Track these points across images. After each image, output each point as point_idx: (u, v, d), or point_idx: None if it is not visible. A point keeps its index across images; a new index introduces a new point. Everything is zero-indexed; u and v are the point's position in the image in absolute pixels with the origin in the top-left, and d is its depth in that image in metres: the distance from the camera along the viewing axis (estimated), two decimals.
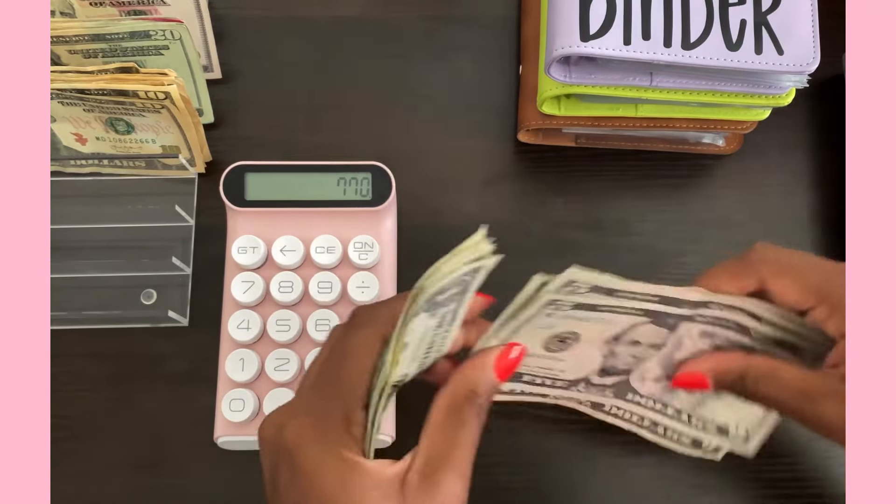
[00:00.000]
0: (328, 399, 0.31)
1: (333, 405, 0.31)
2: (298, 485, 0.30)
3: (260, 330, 0.42)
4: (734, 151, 0.48)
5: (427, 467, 0.30)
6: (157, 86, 0.41)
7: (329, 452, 0.30)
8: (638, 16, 0.40)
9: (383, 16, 0.51)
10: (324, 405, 0.31)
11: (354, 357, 0.32)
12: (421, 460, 0.30)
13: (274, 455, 0.31)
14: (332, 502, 0.29)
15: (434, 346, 0.33)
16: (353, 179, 0.44)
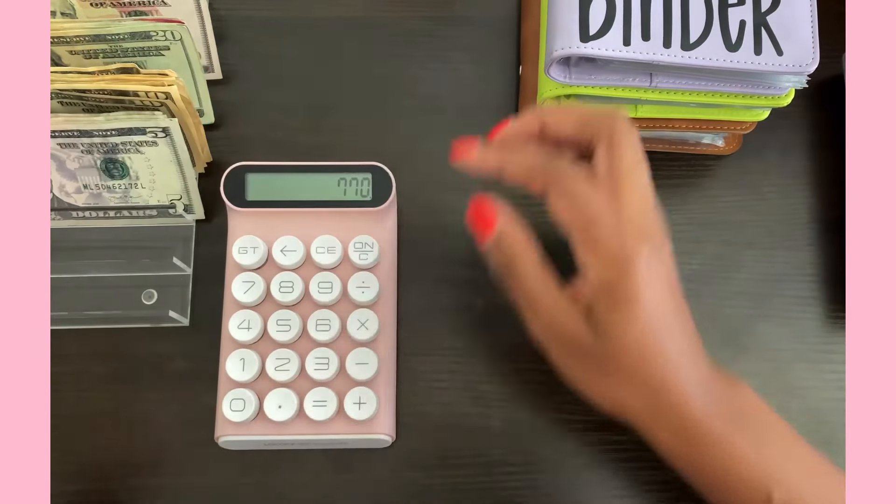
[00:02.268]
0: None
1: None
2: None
3: (260, 330, 0.42)
4: (734, 152, 0.48)
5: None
6: (157, 86, 0.41)
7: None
8: (637, 16, 0.40)
9: (383, 16, 0.51)
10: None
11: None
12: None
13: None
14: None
15: None
16: (354, 179, 0.44)
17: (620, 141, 0.35)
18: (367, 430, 0.41)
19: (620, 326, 0.34)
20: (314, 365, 0.42)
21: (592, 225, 0.34)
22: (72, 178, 0.44)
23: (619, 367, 0.35)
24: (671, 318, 0.35)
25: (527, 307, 0.37)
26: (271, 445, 0.42)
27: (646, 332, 0.34)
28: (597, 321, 0.34)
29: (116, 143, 0.43)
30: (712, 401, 0.34)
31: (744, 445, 0.34)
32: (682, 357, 0.35)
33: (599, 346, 0.35)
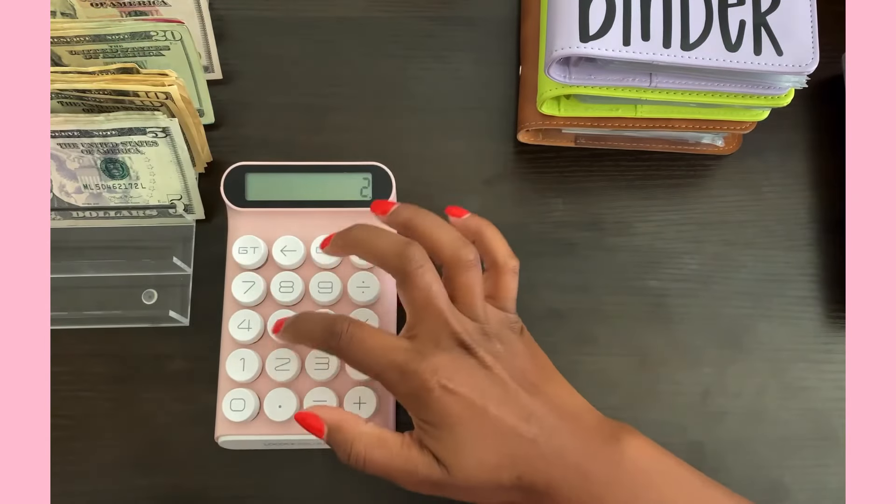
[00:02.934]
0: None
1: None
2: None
3: (260, 330, 0.42)
4: (733, 152, 0.48)
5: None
6: (157, 86, 0.41)
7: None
8: (637, 16, 0.40)
9: (383, 16, 0.51)
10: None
11: None
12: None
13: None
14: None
15: None
16: (354, 179, 0.44)
17: (410, 285, 0.36)
18: None
19: (451, 459, 0.33)
20: (314, 365, 0.42)
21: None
22: (72, 178, 0.44)
23: (479, 485, 0.34)
24: (496, 418, 0.34)
25: (387, 474, 0.35)
26: (271, 445, 0.42)
27: (480, 462, 0.33)
28: (437, 458, 0.34)
29: (116, 143, 0.43)
30: (584, 473, 0.33)
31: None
32: (531, 447, 0.33)
33: (449, 479, 0.34)
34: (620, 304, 0.46)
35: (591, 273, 0.46)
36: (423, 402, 0.33)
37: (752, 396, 0.45)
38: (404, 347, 0.35)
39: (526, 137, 0.48)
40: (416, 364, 0.34)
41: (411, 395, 0.34)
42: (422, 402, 0.33)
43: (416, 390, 0.33)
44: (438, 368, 0.33)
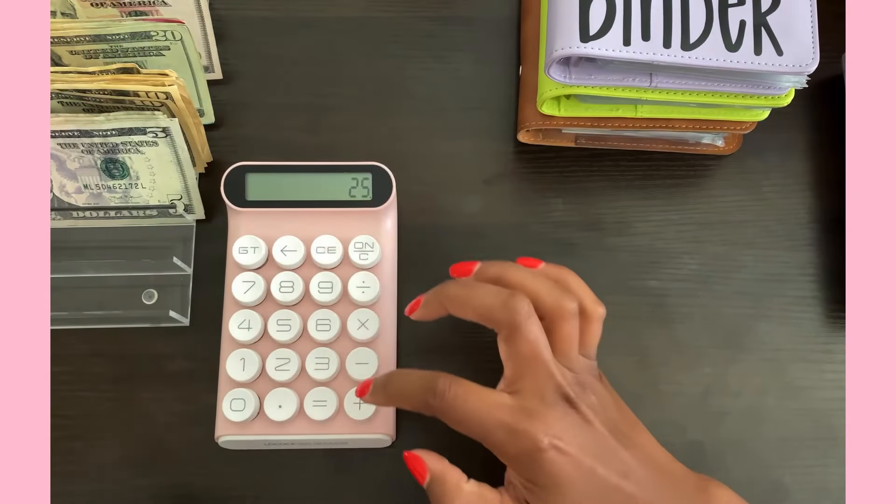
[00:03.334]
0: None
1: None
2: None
3: (261, 330, 0.42)
4: (733, 152, 0.48)
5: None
6: (157, 86, 0.41)
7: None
8: (637, 17, 0.40)
9: (383, 16, 0.51)
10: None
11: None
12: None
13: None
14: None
15: None
16: (354, 179, 0.44)
17: (517, 337, 0.35)
18: (367, 429, 0.42)
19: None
20: (314, 365, 0.42)
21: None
22: (72, 178, 0.44)
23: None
24: (602, 477, 0.33)
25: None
26: (271, 445, 0.42)
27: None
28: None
29: (117, 142, 0.43)
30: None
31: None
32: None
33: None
34: (620, 304, 0.46)
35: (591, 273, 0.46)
36: (533, 463, 0.32)
37: (752, 396, 0.45)
38: (510, 405, 0.33)
39: (526, 137, 0.48)
40: (525, 423, 0.32)
41: (521, 455, 0.33)
42: (533, 462, 0.32)
43: (526, 451, 0.32)
44: (549, 427, 0.32)
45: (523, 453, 0.32)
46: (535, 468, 0.32)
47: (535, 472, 0.33)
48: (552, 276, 0.38)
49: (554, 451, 0.32)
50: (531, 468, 0.33)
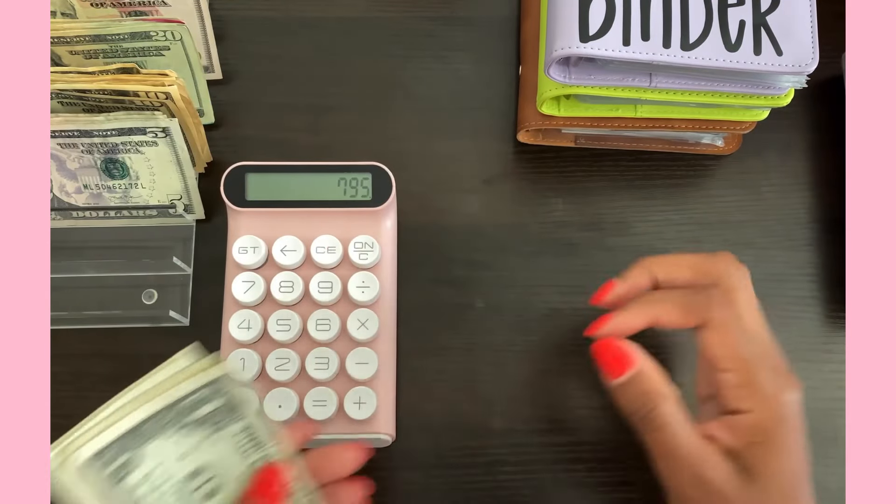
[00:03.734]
0: None
1: None
2: None
3: (260, 330, 0.42)
4: (733, 152, 0.48)
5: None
6: (157, 86, 0.41)
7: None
8: (637, 17, 0.40)
9: (383, 16, 0.51)
10: None
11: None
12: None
13: None
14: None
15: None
16: (354, 179, 0.44)
17: (736, 289, 0.35)
18: (366, 429, 0.42)
19: (775, 469, 0.33)
20: (314, 365, 0.42)
21: (749, 366, 0.34)
22: (72, 178, 0.44)
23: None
24: (807, 463, 0.34)
25: (666, 455, 0.34)
26: None
27: (796, 473, 0.33)
28: (747, 464, 0.33)
29: (116, 142, 0.43)
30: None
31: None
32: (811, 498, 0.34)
33: (745, 492, 0.33)
34: None
35: (591, 273, 0.46)
36: (781, 417, 0.34)
37: None
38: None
39: (526, 137, 0.48)
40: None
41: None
42: (781, 417, 0.34)
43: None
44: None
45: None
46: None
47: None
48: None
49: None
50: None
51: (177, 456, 0.28)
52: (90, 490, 0.26)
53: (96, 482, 0.26)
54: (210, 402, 0.28)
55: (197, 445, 0.28)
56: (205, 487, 0.29)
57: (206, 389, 0.28)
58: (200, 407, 0.28)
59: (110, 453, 0.26)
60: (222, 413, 0.29)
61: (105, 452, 0.26)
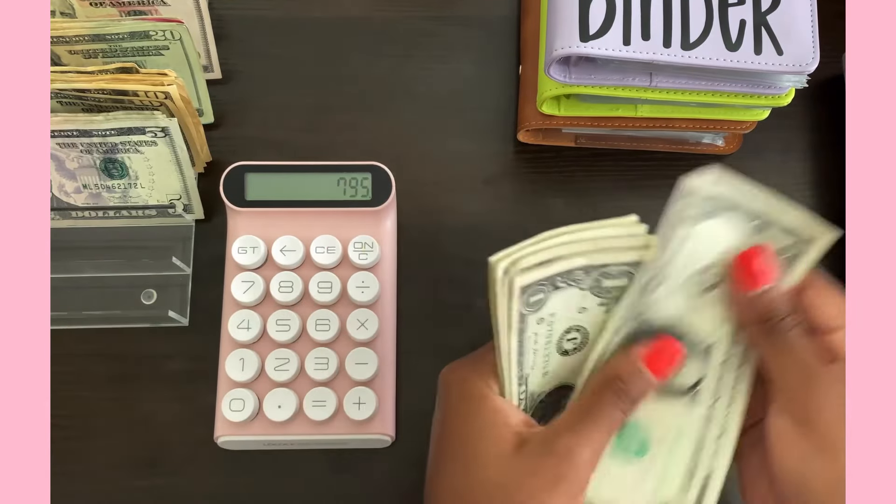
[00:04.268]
0: (489, 347, 0.33)
1: (490, 352, 0.32)
2: (441, 419, 0.33)
3: (260, 330, 0.42)
4: (734, 151, 0.48)
5: (552, 432, 0.31)
6: (157, 86, 0.41)
7: (466, 385, 0.32)
8: (637, 16, 0.40)
9: (383, 16, 0.51)
10: (484, 351, 0.33)
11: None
12: (551, 426, 0.31)
13: (437, 397, 0.34)
14: (454, 427, 0.32)
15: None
16: (353, 179, 0.44)
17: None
18: (366, 430, 0.41)
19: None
20: (314, 365, 0.42)
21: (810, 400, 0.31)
22: (71, 178, 0.44)
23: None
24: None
25: (785, 352, 0.31)
26: (271, 445, 0.42)
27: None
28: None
29: (116, 142, 0.43)
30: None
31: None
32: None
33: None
34: None
35: None
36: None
37: None
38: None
39: (526, 137, 0.48)
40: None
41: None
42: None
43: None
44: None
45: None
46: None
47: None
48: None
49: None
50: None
51: (575, 308, 0.31)
52: (513, 306, 0.29)
53: (519, 304, 0.29)
54: (623, 278, 0.31)
55: (590, 307, 0.31)
56: (571, 343, 0.32)
57: (629, 268, 0.31)
58: (614, 279, 0.31)
59: (538, 287, 0.29)
60: (623, 292, 0.31)
61: (536, 286, 0.29)
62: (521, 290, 0.28)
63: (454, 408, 0.33)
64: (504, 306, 0.29)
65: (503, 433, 0.31)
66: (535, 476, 0.30)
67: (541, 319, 0.30)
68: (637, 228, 0.31)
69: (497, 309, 0.29)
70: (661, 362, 0.31)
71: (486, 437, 0.31)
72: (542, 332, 0.31)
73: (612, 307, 0.31)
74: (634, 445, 0.32)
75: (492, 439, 0.31)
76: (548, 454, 0.30)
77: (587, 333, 0.32)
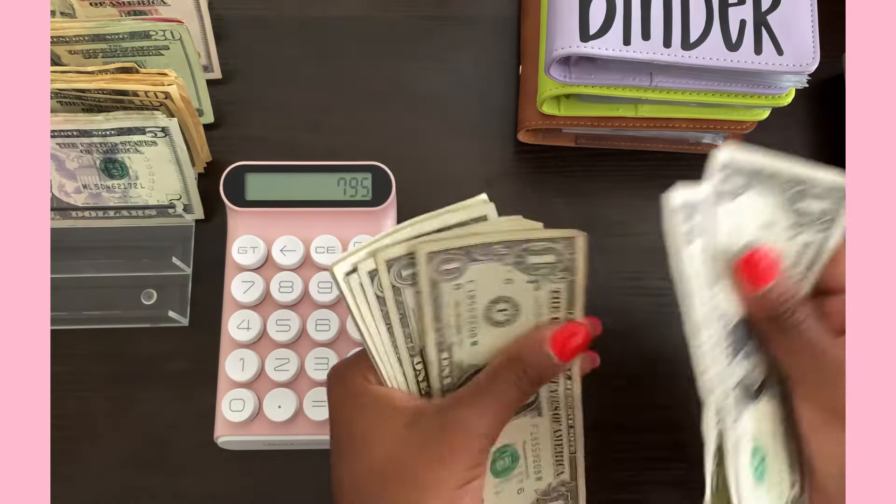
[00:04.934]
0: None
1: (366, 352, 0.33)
2: (331, 417, 0.33)
3: (260, 330, 0.42)
4: None
5: (448, 404, 0.31)
6: (156, 86, 0.41)
7: (346, 381, 0.33)
8: (638, 16, 0.40)
9: (383, 16, 0.51)
10: (361, 350, 0.33)
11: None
12: (448, 399, 0.31)
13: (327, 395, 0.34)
14: (342, 423, 0.32)
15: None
16: (353, 179, 0.44)
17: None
18: None
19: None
20: (314, 365, 0.42)
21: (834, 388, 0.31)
22: (71, 178, 0.44)
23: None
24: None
25: (804, 351, 0.31)
26: (271, 445, 0.42)
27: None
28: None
29: (116, 142, 0.43)
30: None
31: None
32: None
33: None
34: (621, 303, 0.46)
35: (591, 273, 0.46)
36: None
37: None
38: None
39: (526, 137, 0.48)
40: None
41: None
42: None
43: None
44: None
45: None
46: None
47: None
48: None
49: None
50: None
51: (497, 280, 0.31)
52: (426, 277, 0.30)
53: (431, 272, 0.30)
54: (549, 254, 0.31)
55: (517, 281, 0.31)
56: (502, 315, 0.32)
57: (553, 244, 0.31)
58: (539, 255, 0.31)
59: (450, 255, 0.30)
60: (553, 269, 0.32)
61: (445, 254, 0.30)
62: (387, 263, 0.30)
63: (339, 406, 0.33)
64: (369, 290, 0.31)
65: (391, 415, 0.31)
66: (428, 449, 0.30)
67: (458, 286, 0.31)
68: (483, 207, 0.33)
69: (363, 298, 0.31)
70: (567, 345, 0.31)
71: (375, 424, 0.31)
72: (462, 300, 0.31)
73: (542, 284, 0.32)
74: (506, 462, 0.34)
75: (381, 424, 0.31)
76: (442, 427, 0.30)
77: (517, 305, 0.32)
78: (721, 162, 0.30)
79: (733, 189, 0.31)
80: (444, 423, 0.30)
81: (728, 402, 0.31)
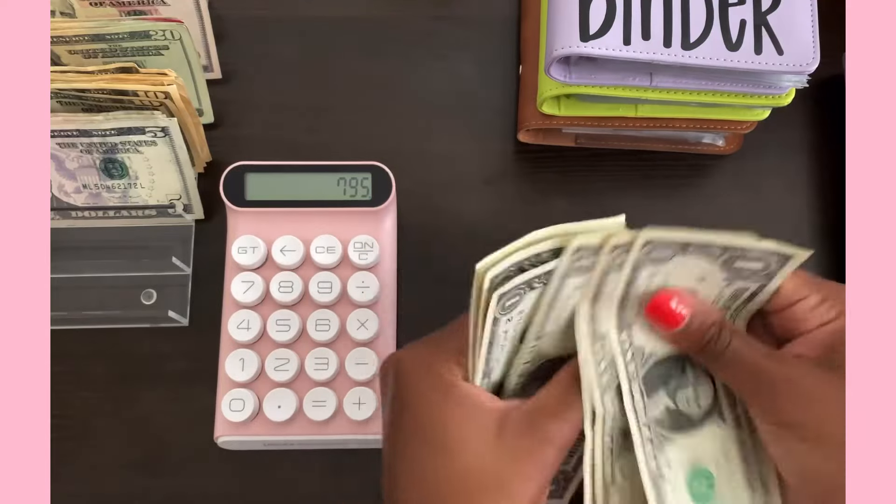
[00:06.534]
0: (448, 333, 0.32)
1: (450, 337, 0.31)
2: (401, 408, 0.31)
3: (260, 330, 0.42)
4: (734, 151, 0.48)
5: (534, 411, 0.30)
6: (156, 86, 0.41)
7: (431, 373, 0.31)
8: (638, 16, 0.40)
9: (383, 16, 0.51)
10: (442, 337, 0.32)
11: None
12: (531, 404, 0.30)
13: (391, 385, 0.32)
14: (420, 416, 0.30)
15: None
16: (353, 179, 0.44)
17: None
18: (366, 430, 0.41)
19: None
20: (314, 365, 0.42)
21: (821, 283, 0.31)
22: (71, 178, 0.44)
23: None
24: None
25: (751, 376, 0.31)
26: (271, 445, 0.42)
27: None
28: (835, 364, 0.31)
29: (115, 142, 0.43)
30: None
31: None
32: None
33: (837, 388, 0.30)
34: None
35: None
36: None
37: None
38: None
39: (526, 137, 0.48)
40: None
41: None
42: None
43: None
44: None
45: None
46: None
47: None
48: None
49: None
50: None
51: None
52: (489, 314, 0.29)
53: (496, 309, 0.29)
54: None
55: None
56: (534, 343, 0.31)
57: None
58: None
59: (516, 291, 0.29)
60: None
61: (514, 290, 0.29)
62: (498, 298, 0.28)
63: (419, 395, 0.31)
64: (482, 310, 0.29)
65: (479, 418, 0.30)
66: (520, 461, 0.29)
67: (509, 319, 0.30)
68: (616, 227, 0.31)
69: (479, 311, 0.29)
70: (665, 316, 0.31)
71: (464, 425, 0.30)
72: (510, 329, 0.31)
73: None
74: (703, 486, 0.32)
75: (470, 426, 0.30)
76: (531, 437, 0.29)
77: (544, 335, 0.31)
78: (644, 239, 0.29)
79: (662, 257, 0.30)
80: (532, 433, 0.29)
81: (643, 434, 0.30)
